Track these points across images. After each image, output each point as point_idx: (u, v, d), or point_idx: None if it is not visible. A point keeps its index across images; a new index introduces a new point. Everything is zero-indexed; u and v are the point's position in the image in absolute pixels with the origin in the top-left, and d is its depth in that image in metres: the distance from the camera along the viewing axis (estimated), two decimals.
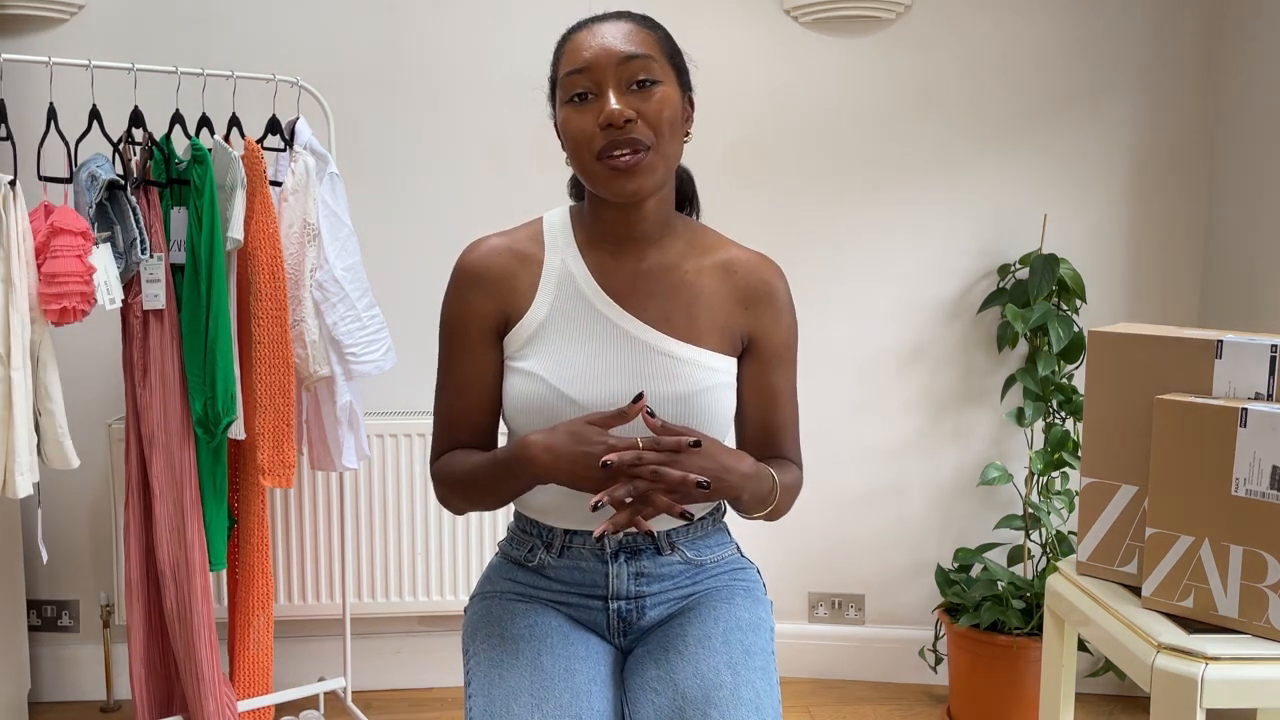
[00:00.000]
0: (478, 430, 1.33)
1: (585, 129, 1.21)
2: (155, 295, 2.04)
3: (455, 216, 2.58)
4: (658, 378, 1.26)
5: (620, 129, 1.19)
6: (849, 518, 2.71)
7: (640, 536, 1.30)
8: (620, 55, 1.20)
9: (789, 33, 2.58)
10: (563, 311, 1.28)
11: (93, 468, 2.49)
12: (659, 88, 1.22)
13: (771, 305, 1.33)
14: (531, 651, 1.24)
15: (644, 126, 1.20)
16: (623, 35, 1.22)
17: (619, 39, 1.21)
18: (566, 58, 1.24)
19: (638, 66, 1.21)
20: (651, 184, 1.23)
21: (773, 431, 1.36)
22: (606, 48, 1.21)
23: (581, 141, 1.21)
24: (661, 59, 1.24)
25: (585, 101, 1.21)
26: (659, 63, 1.23)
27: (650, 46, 1.23)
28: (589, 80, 1.21)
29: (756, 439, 1.36)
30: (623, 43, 1.21)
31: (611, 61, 1.20)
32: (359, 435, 2.30)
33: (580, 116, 1.21)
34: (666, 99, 1.22)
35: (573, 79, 1.22)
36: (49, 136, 2.00)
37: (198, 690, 2.11)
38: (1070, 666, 1.65)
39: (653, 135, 1.21)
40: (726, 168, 2.61)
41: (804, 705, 2.62)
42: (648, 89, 1.21)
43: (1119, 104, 2.57)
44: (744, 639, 1.27)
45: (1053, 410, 2.52)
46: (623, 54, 1.20)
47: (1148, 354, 1.47)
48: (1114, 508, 1.53)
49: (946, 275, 2.63)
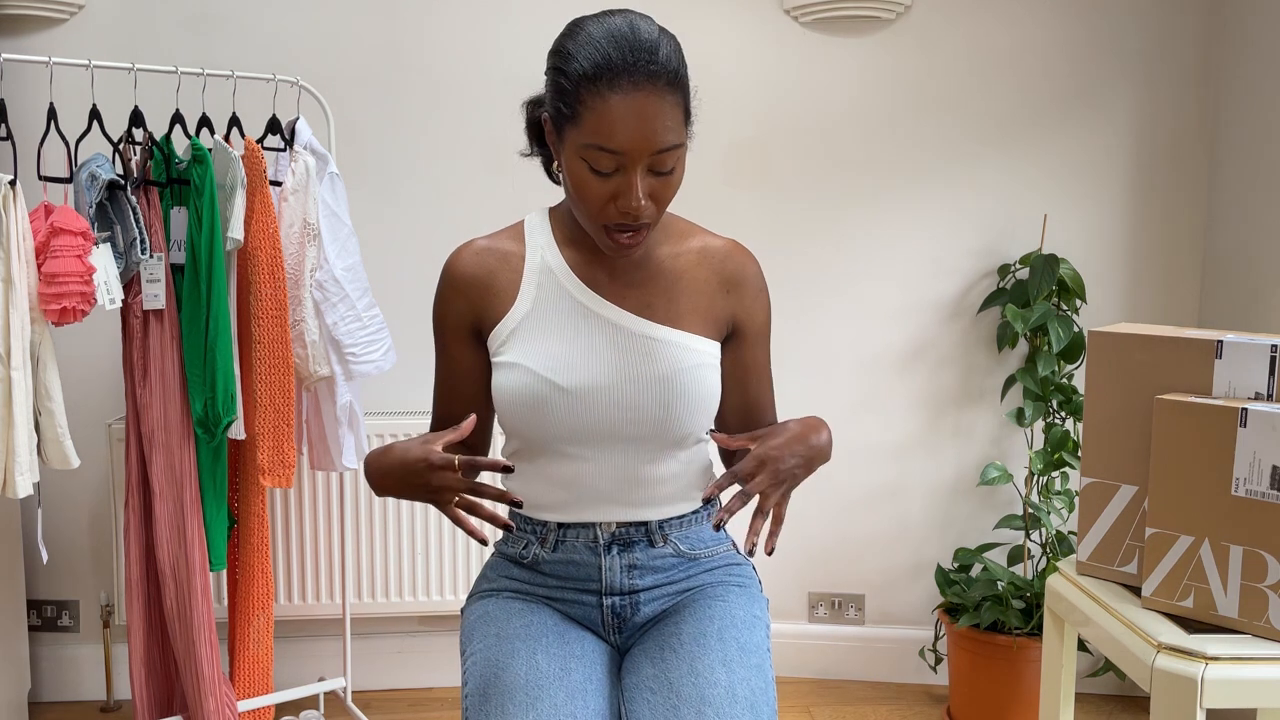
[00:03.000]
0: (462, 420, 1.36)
1: (599, 197, 1.20)
2: (155, 295, 2.04)
3: (455, 216, 2.58)
4: (640, 360, 1.28)
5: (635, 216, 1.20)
6: (849, 518, 2.71)
7: (633, 528, 1.33)
8: (656, 147, 1.17)
9: (789, 33, 2.58)
10: (544, 305, 1.31)
11: (93, 468, 2.49)
12: (678, 168, 1.22)
13: (750, 288, 1.36)
14: (527, 651, 1.25)
15: (653, 208, 1.21)
16: (660, 119, 1.17)
17: (657, 126, 1.16)
18: (597, 122, 1.16)
19: (668, 158, 1.19)
20: (641, 251, 1.29)
21: (755, 405, 1.40)
22: (645, 137, 1.16)
23: (591, 204, 1.20)
24: (681, 126, 1.21)
25: (605, 175, 1.19)
26: (683, 143, 1.21)
27: (679, 119, 1.19)
28: (616, 163, 1.18)
29: (740, 414, 1.40)
30: (660, 131, 1.17)
31: (645, 152, 1.17)
32: (359, 435, 2.30)
33: (597, 182, 1.19)
34: (679, 171, 1.22)
35: (600, 155, 1.17)
36: (49, 136, 2.00)
37: (198, 690, 2.11)
38: (1070, 666, 1.65)
39: (657, 212, 1.22)
40: (726, 168, 2.61)
41: (804, 705, 2.62)
42: (668, 175, 1.21)
43: (1119, 104, 2.57)
44: (739, 636, 1.28)
45: (1053, 410, 2.52)
46: (659, 147, 1.17)
47: (1148, 354, 1.47)
48: (1114, 508, 1.53)
49: (946, 275, 2.63)
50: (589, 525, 1.32)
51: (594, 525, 1.32)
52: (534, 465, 1.33)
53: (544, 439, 1.30)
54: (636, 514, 1.32)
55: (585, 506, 1.32)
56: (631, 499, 1.31)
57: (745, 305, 1.36)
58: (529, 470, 1.34)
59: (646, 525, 1.33)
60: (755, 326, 1.38)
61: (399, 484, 1.21)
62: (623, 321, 1.30)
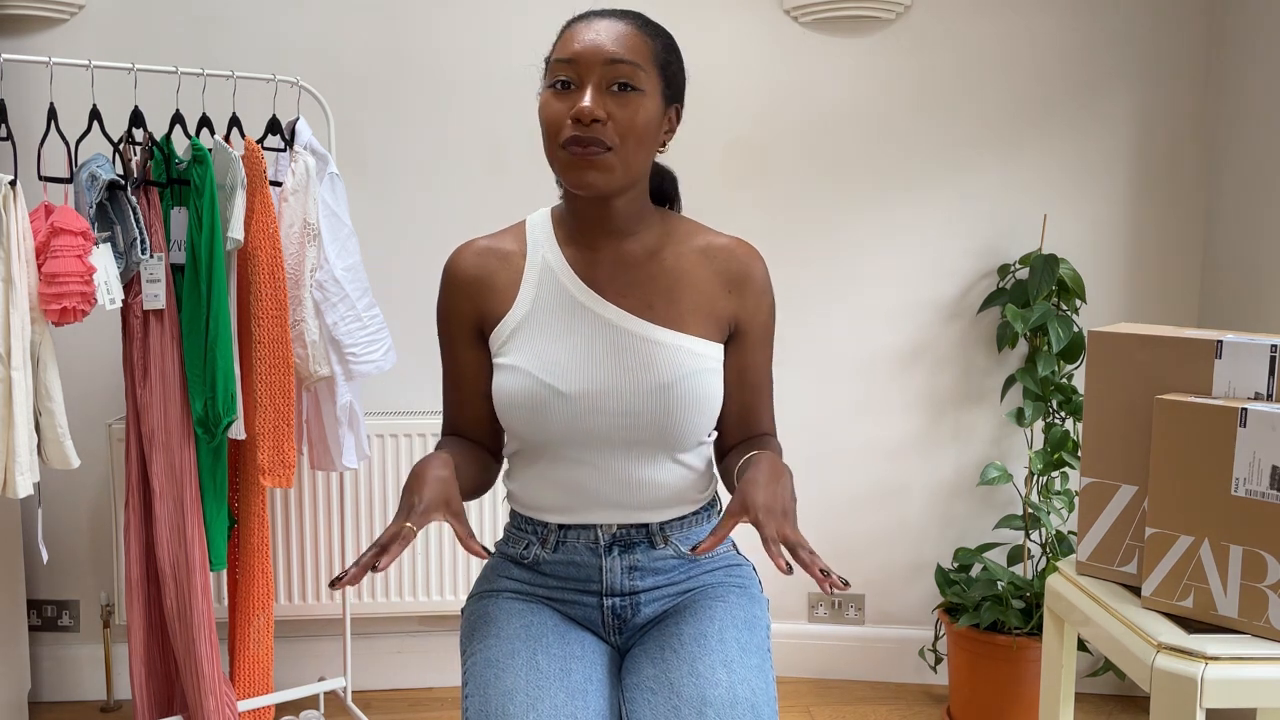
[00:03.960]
0: (474, 420, 1.38)
1: (558, 115, 1.23)
2: (155, 295, 2.04)
3: (455, 216, 2.58)
4: (641, 365, 1.28)
5: (587, 126, 1.21)
6: (849, 518, 2.71)
7: (633, 530, 1.32)
8: (607, 55, 1.22)
9: (789, 33, 2.58)
10: (545, 305, 1.31)
11: (93, 468, 2.49)
12: (638, 96, 1.23)
13: (754, 288, 1.35)
14: (527, 651, 1.25)
15: (612, 130, 1.22)
16: (616, 36, 1.23)
17: (611, 39, 1.23)
18: (560, 44, 1.26)
19: (622, 70, 1.22)
20: (606, 183, 1.24)
21: (755, 411, 1.39)
22: (597, 45, 1.22)
23: (551, 126, 1.24)
24: (650, 68, 1.25)
25: (565, 90, 1.23)
26: (645, 71, 1.24)
27: (641, 54, 1.24)
28: (573, 71, 1.23)
29: (738, 417, 1.38)
30: (613, 43, 1.22)
31: (598, 60, 1.22)
32: (359, 435, 2.30)
33: (557, 102, 1.24)
34: (642, 108, 1.23)
35: (559, 66, 1.24)
36: (49, 136, 2.00)
37: (198, 690, 2.11)
38: (1070, 666, 1.65)
39: (617, 139, 1.22)
40: (726, 167, 2.61)
41: (804, 705, 2.62)
42: (626, 94, 1.23)
43: (1119, 104, 2.57)
44: (740, 637, 1.28)
45: (1053, 410, 2.52)
46: (610, 55, 1.22)
47: (1148, 354, 1.48)
48: (1114, 508, 1.53)
49: (946, 275, 2.63)
50: (589, 527, 1.32)
51: (594, 527, 1.32)
52: (534, 467, 1.33)
53: (543, 442, 1.30)
54: (637, 516, 1.32)
55: (585, 508, 1.31)
56: (632, 502, 1.31)
57: (748, 306, 1.34)
58: (529, 472, 1.34)
59: (647, 527, 1.32)
60: (756, 328, 1.36)
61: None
62: (623, 323, 1.29)
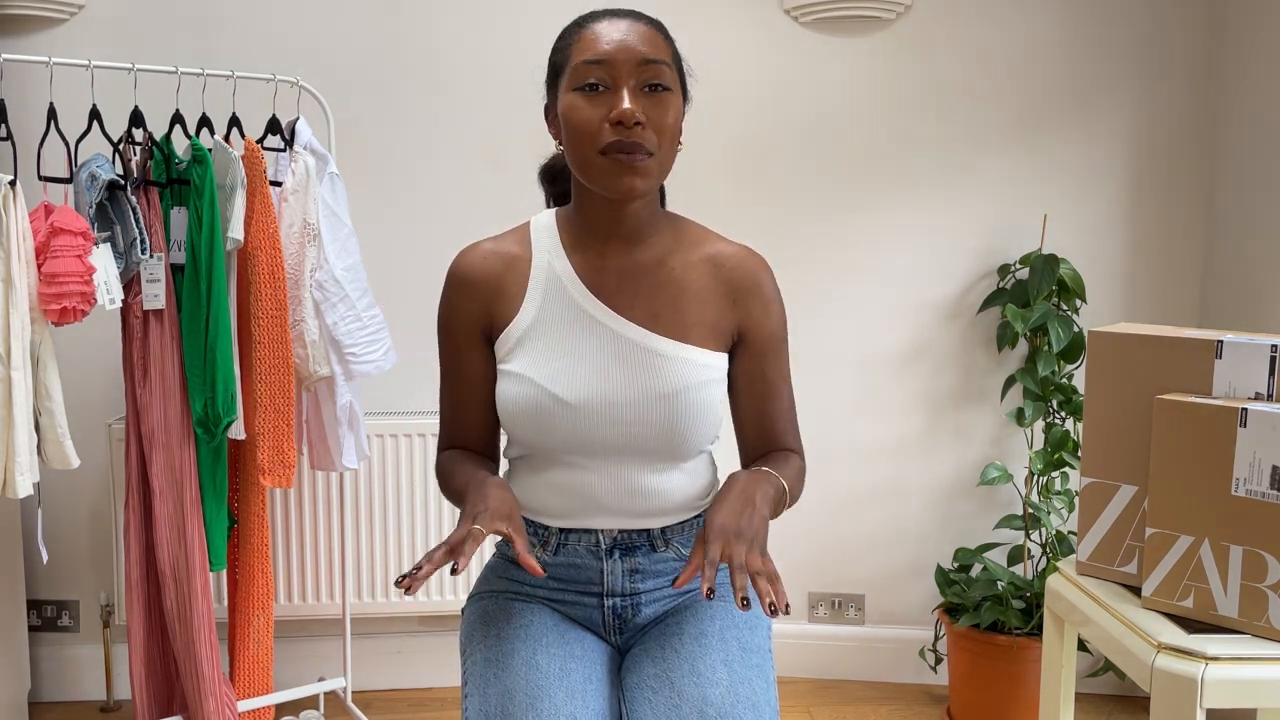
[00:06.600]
0: (476, 426, 1.36)
1: (592, 121, 1.20)
2: (155, 295, 2.04)
3: (455, 217, 2.59)
4: (645, 376, 1.27)
5: (630, 129, 1.18)
6: (849, 518, 2.71)
7: (635, 534, 1.32)
8: (641, 56, 1.20)
9: (789, 33, 2.58)
10: (550, 313, 1.29)
11: (93, 468, 2.49)
12: (669, 95, 1.22)
13: (760, 297, 1.33)
14: (527, 651, 1.24)
15: (651, 132, 1.20)
16: (642, 36, 1.21)
17: (639, 39, 1.21)
18: (583, 44, 1.22)
19: (656, 71, 1.21)
20: (646, 188, 1.23)
21: (770, 423, 1.36)
22: (628, 45, 1.20)
23: (586, 133, 1.20)
24: (674, 66, 1.25)
25: (596, 93, 1.20)
26: (671, 70, 1.23)
27: (666, 52, 1.24)
28: (605, 73, 1.20)
29: (755, 431, 1.37)
30: (643, 43, 1.21)
31: (632, 60, 1.20)
32: (359, 435, 2.30)
33: (589, 107, 1.20)
34: (673, 107, 1.23)
35: (588, 68, 1.20)
36: (49, 136, 2.00)
37: (198, 690, 2.11)
38: (1070, 666, 1.65)
39: (657, 142, 1.21)
40: (726, 167, 2.61)
41: (804, 705, 2.62)
42: (658, 94, 1.21)
43: (1119, 104, 2.57)
44: (741, 637, 1.28)
45: (1053, 410, 2.52)
46: (643, 55, 1.20)
47: (1148, 354, 1.47)
48: (1114, 508, 1.53)
49: (946, 275, 2.63)
50: (591, 531, 1.31)
51: (596, 531, 1.31)
52: (536, 471, 1.33)
53: (546, 448, 1.29)
54: (639, 522, 1.31)
55: (587, 514, 1.31)
56: (634, 508, 1.30)
57: (753, 315, 1.33)
58: (531, 476, 1.34)
59: (649, 532, 1.32)
60: (764, 337, 1.33)
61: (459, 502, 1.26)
62: (629, 334, 1.28)
